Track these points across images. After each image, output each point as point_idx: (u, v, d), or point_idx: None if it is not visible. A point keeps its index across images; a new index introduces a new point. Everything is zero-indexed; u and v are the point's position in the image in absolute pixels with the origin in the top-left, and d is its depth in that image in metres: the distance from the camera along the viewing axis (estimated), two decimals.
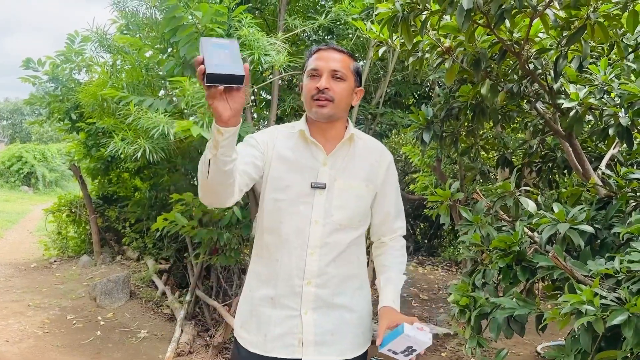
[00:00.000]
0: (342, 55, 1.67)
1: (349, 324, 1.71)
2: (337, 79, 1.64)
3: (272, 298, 1.66)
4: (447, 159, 6.81)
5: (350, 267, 1.71)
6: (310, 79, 1.66)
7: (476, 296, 2.12)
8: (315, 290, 1.65)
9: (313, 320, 1.65)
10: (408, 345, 1.43)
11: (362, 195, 1.71)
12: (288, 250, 1.65)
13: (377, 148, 1.79)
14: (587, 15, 1.87)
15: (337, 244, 1.66)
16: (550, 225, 2.06)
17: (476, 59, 2.21)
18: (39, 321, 4.80)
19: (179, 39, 3.49)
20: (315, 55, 1.68)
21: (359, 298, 1.75)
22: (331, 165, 1.68)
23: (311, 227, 1.64)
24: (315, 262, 1.64)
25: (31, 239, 10.05)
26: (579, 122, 2.28)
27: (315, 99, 1.62)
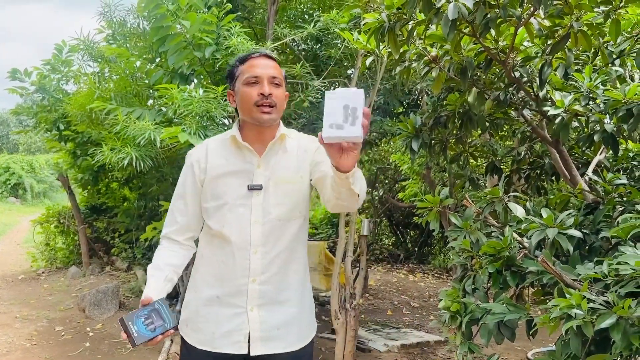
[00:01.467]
0: (274, 63, 1.77)
1: (294, 318, 1.79)
2: (276, 85, 1.73)
3: (218, 297, 1.75)
4: (436, 166, 6.85)
5: (293, 263, 1.79)
6: (249, 86, 1.71)
7: (466, 302, 2.13)
8: (259, 288, 1.73)
9: (259, 317, 1.73)
10: (344, 105, 1.26)
11: (297, 187, 1.78)
12: (232, 252, 1.73)
13: (306, 139, 1.87)
14: (571, 24, 1.90)
15: (278, 240, 1.74)
16: (539, 231, 2.08)
17: (463, 68, 2.23)
18: (26, 333, 4.75)
19: (167, 48, 3.50)
20: (249, 63, 1.75)
21: (302, 293, 1.83)
22: (265, 166, 1.76)
23: (252, 227, 1.72)
24: (258, 261, 1.72)
25: (19, 250, 9.95)
26: (565, 129, 2.30)
27: (259, 105, 1.69)
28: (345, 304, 3.84)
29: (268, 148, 1.77)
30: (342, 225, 4.22)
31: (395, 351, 4.77)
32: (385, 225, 10.59)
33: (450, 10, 1.80)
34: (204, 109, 3.30)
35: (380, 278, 8.31)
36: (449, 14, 1.80)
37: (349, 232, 4.39)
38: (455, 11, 1.79)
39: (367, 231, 4.34)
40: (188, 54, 3.57)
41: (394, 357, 4.65)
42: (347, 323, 3.78)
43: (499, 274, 2.14)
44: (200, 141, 3.23)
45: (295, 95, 3.95)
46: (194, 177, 1.80)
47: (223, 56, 3.44)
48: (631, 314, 1.55)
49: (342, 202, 1.58)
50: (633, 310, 1.55)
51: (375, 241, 10.13)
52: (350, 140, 1.28)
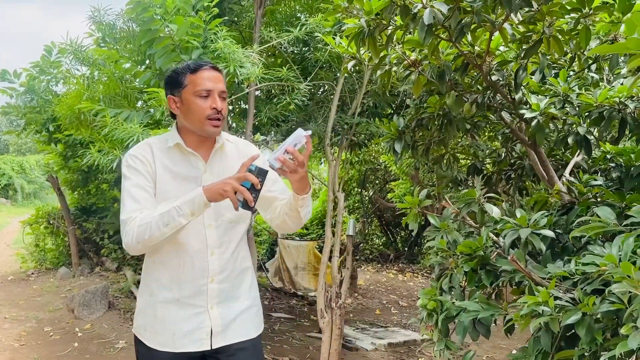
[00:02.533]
0: (221, 75, 1.84)
1: (248, 309, 1.93)
2: (223, 99, 1.81)
3: (177, 299, 1.81)
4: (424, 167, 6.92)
5: (243, 261, 1.93)
6: (202, 99, 1.76)
7: (443, 300, 2.19)
8: (218, 287, 1.83)
9: (219, 314, 1.83)
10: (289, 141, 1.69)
11: None
12: (190, 254, 1.80)
13: (243, 144, 1.99)
14: (543, 30, 1.96)
15: (231, 241, 1.86)
16: (513, 231, 2.14)
17: (441, 72, 2.29)
18: (15, 334, 4.77)
19: (155, 51, 3.54)
20: (200, 75, 1.77)
21: (251, 287, 1.97)
22: (210, 171, 1.85)
23: (207, 230, 1.81)
24: (216, 261, 1.82)
25: (8, 251, 9.93)
26: (540, 131, 2.37)
27: (211, 119, 1.77)
28: (332, 303, 3.89)
29: (212, 154, 1.86)
30: (329, 225, 4.28)
31: (382, 350, 4.82)
32: (376, 226, 10.66)
33: (426, 15, 1.86)
34: None
35: (369, 278, 8.37)
36: (425, 19, 1.85)
37: (335, 232, 4.44)
38: (430, 17, 1.85)
39: (353, 231, 4.40)
40: (175, 57, 3.60)
41: (381, 355, 4.71)
42: (332, 322, 3.84)
43: (474, 273, 2.20)
44: None
45: (282, 98, 4.00)
46: (147, 171, 1.79)
47: (210, 59, 3.48)
48: (595, 311, 1.62)
49: (288, 222, 1.86)
50: (597, 306, 1.61)
51: (366, 241, 10.20)
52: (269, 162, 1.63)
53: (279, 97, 4.23)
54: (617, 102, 2.10)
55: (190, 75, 1.78)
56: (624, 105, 2.08)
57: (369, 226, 10.33)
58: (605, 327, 1.65)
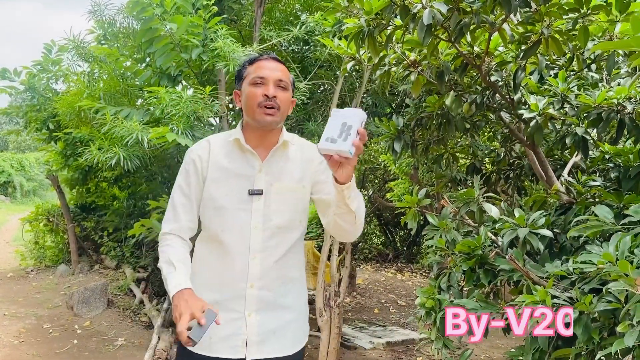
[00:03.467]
0: (283, 66, 1.76)
1: (289, 323, 1.79)
2: (282, 88, 1.72)
3: (217, 301, 1.71)
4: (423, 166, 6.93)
5: (291, 270, 1.79)
6: (254, 86, 1.70)
7: (441, 298, 2.20)
8: (258, 293, 1.72)
9: (256, 322, 1.72)
10: (343, 122, 1.40)
11: (299, 196, 1.77)
12: (231, 256, 1.72)
13: (310, 148, 1.85)
14: (541, 30, 1.97)
15: (277, 246, 1.74)
16: (511, 230, 2.16)
17: (440, 72, 2.30)
18: (14, 330, 4.78)
19: (155, 49, 3.55)
20: (257, 64, 1.74)
21: (298, 299, 1.83)
22: (266, 171, 1.74)
23: (251, 233, 1.71)
24: (257, 266, 1.72)
25: (8, 248, 9.93)
26: (539, 132, 2.38)
27: (262, 106, 1.68)
28: (330, 301, 3.91)
29: (270, 153, 1.75)
30: None
31: (380, 349, 4.84)
32: (375, 225, 10.67)
33: (425, 16, 1.87)
34: (191, 109, 3.35)
35: (368, 277, 8.38)
36: (424, 19, 1.86)
37: None
38: (430, 17, 1.86)
39: None
40: (175, 56, 3.62)
41: (379, 354, 4.72)
42: (331, 320, 3.85)
43: (472, 272, 2.22)
44: (188, 140, 3.29)
45: None
46: (197, 173, 1.77)
47: (209, 58, 3.49)
48: (592, 309, 1.63)
49: (340, 222, 1.65)
50: (594, 305, 1.63)
51: (365, 240, 10.21)
52: (340, 154, 1.38)
53: None
54: (615, 103, 2.10)
55: (249, 67, 1.76)
56: (622, 107, 2.09)
57: (367, 225, 10.35)
58: (602, 325, 1.67)
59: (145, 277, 6.09)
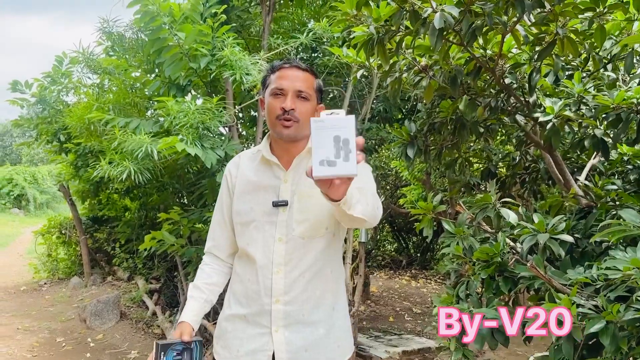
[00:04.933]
0: (306, 74, 1.67)
1: (323, 339, 1.69)
2: (302, 99, 1.64)
3: (245, 316, 1.69)
4: (436, 172, 6.86)
5: (322, 282, 1.69)
6: (274, 98, 1.65)
7: (460, 308, 2.14)
8: (284, 308, 1.65)
9: (284, 338, 1.65)
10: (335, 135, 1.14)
11: (322, 201, 1.49)
12: (255, 270, 1.67)
13: None
14: (556, 31, 1.92)
15: (302, 258, 1.65)
16: (531, 236, 2.10)
17: (452, 76, 2.25)
18: (28, 344, 4.77)
19: (164, 59, 3.53)
20: (278, 73, 1.67)
21: (333, 312, 1.73)
22: (291, 180, 1.68)
23: (275, 245, 1.65)
24: (281, 280, 1.65)
25: (21, 261, 9.97)
26: (556, 135, 2.32)
27: (280, 119, 1.62)
28: None
29: (295, 162, 1.69)
30: None
31: (396, 358, 4.76)
32: (387, 232, 10.59)
33: (436, 19, 1.82)
34: (199, 119, 3.33)
35: (382, 284, 8.30)
36: (435, 23, 1.82)
37: (347, 239, 4.40)
38: (441, 20, 1.82)
39: (365, 238, 4.36)
40: (184, 65, 3.60)
41: None
42: None
43: (491, 280, 2.16)
44: (197, 150, 3.26)
45: None
46: (227, 189, 1.77)
47: (217, 67, 3.47)
48: (620, 319, 1.56)
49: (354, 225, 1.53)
50: (622, 314, 1.56)
51: (377, 247, 10.13)
52: (344, 177, 1.17)
53: None
54: (635, 103, 2.04)
55: (271, 75, 1.70)
56: None
57: (380, 232, 10.27)
58: (630, 335, 1.60)
59: (158, 289, 6.07)
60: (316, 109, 1.71)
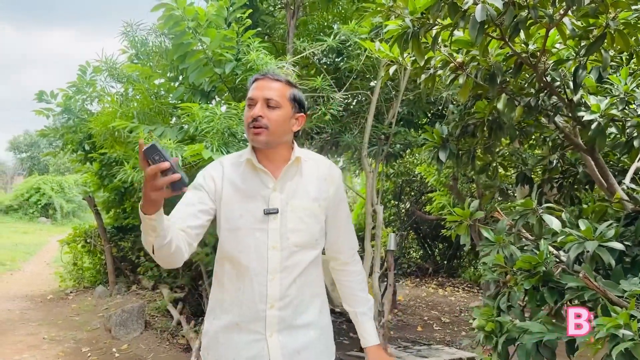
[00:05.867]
0: (278, 84, 1.73)
1: (313, 341, 1.76)
2: (271, 108, 1.69)
3: (237, 324, 1.71)
4: (463, 177, 6.70)
5: (310, 286, 1.77)
6: (247, 108, 1.72)
7: (502, 321, 2.01)
8: (278, 313, 1.69)
9: (279, 342, 1.70)
10: None
11: (315, 214, 1.75)
12: (249, 278, 1.69)
13: (325, 166, 1.84)
14: (606, 23, 1.79)
15: (295, 266, 1.71)
16: (578, 244, 1.96)
17: (491, 74, 2.13)
18: (53, 355, 4.74)
19: (188, 65, 3.48)
20: (253, 85, 1.74)
21: (321, 315, 1.81)
22: (281, 189, 1.72)
23: (269, 253, 1.68)
24: (276, 287, 1.69)
25: (48, 270, 10.05)
26: (601, 135, 2.18)
27: (250, 127, 1.68)
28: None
29: (283, 171, 1.73)
30: (368, 239, 4.12)
31: None
32: (413, 238, 10.43)
33: (477, 12, 1.71)
34: (225, 125, 3.26)
35: (409, 293, 8.14)
36: (477, 15, 1.71)
37: (375, 247, 4.28)
38: (483, 13, 1.71)
39: (394, 245, 4.23)
40: (208, 71, 3.54)
41: None
42: None
43: (535, 291, 2.02)
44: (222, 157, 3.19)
45: (316, 108, 3.89)
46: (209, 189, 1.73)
47: (243, 72, 3.40)
48: None
49: None
50: None
51: (403, 255, 9.97)
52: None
53: (312, 108, 4.12)
54: None
55: (249, 89, 1.76)
56: None
57: (405, 239, 10.11)
58: None
59: (182, 298, 6.01)
60: (295, 118, 1.75)
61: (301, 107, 1.78)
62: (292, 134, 1.78)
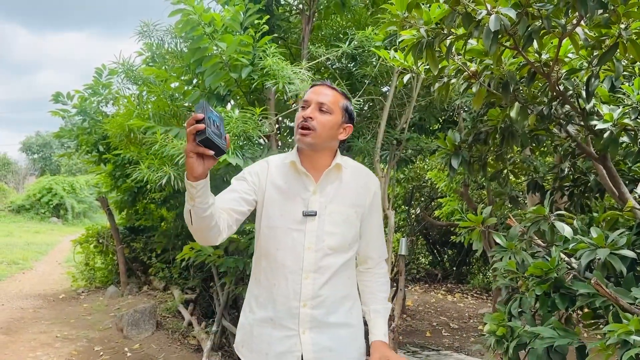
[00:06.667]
0: (332, 92, 1.81)
1: (344, 339, 1.82)
2: (323, 112, 1.76)
3: (271, 319, 1.78)
4: (474, 184, 6.70)
5: (343, 288, 1.82)
6: (301, 110, 1.79)
7: (513, 326, 2.04)
8: (311, 312, 1.76)
9: (311, 339, 1.76)
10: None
11: (351, 220, 1.82)
12: (284, 275, 1.76)
13: (364, 174, 1.91)
14: (619, 33, 1.82)
15: (329, 267, 1.77)
16: (589, 251, 1.99)
17: (504, 82, 2.16)
18: (66, 353, 4.80)
19: (204, 69, 3.53)
20: (310, 89, 1.83)
21: (352, 315, 1.85)
22: (320, 193, 1.79)
23: (305, 253, 1.76)
24: (310, 286, 1.76)
25: (60, 270, 10.15)
26: (614, 144, 2.21)
27: (299, 127, 1.75)
28: None
29: (323, 175, 1.80)
30: None
31: None
32: (422, 244, 10.42)
33: (492, 22, 1.75)
34: (240, 129, 3.30)
35: (417, 298, 8.14)
36: (491, 25, 1.74)
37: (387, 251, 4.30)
38: (497, 23, 1.74)
39: (405, 250, 4.25)
40: (224, 75, 3.59)
41: None
42: None
43: (547, 297, 2.05)
44: (238, 160, 3.24)
45: None
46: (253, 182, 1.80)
47: (259, 77, 3.45)
48: None
49: None
50: None
51: (412, 260, 9.97)
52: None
53: None
54: None
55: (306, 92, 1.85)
56: None
57: (415, 245, 10.11)
58: None
59: (194, 299, 6.06)
60: (343, 127, 1.82)
61: (351, 119, 1.85)
62: (338, 142, 1.84)
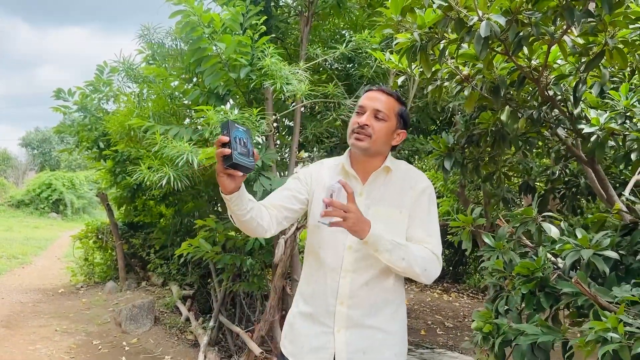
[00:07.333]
0: (388, 98, 1.81)
1: (380, 344, 1.79)
2: (379, 119, 1.78)
3: (311, 314, 1.82)
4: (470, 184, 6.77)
5: (384, 292, 1.80)
6: (356, 115, 1.81)
7: (499, 323, 2.10)
8: (347, 311, 1.77)
9: (345, 339, 1.76)
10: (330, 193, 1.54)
11: (395, 221, 1.79)
12: (324, 272, 1.81)
13: (413, 176, 1.87)
14: (605, 41, 1.88)
15: (368, 268, 1.77)
16: (574, 251, 2.05)
17: (495, 86, 2.23)
18: (65, 346, 4.86)
19: (204, 69, 3.59)
20: (365, 95, 1.84)
21: (392, 322, 1.82)
22: (367, 195, 1.82)
23: (345, 252, 1.78)
24: (347, 285, 1.77)
25: (59, 264, 10.21)
26: (600, 148, 2.27)
27: (354, 132, 1.78)
28: None
29: (371, 178, 1.83)
30: None
31: None
32: None
33: (482, 28, 1.81)
34: None
35: (413, 297, 8.21)
36: (481, 31, 1.81)
37: None
38: (487, 29, 1.80)
39: None
40: (223, 75, 3.65)
41: None
42: None
43: (532, 295, 2.11)
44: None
45: (327, 114, 3.99)
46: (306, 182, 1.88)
47: (257, 77, 3.51)
48: None
49: None
50: None
51: None
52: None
53: (323, 114, 4.22)
54: None
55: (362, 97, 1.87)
56: None
57: None
58: None
59: (191, 295, 6.13)
60: (397, 133, 1.84)
61: (405, 124, 1.86)
62: (390, 147, 1.86)
